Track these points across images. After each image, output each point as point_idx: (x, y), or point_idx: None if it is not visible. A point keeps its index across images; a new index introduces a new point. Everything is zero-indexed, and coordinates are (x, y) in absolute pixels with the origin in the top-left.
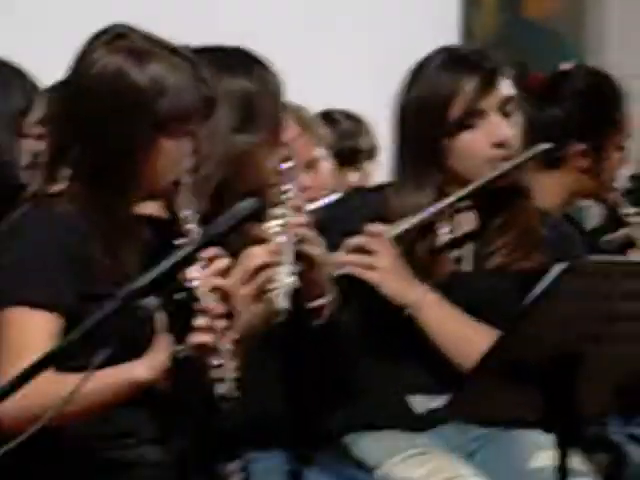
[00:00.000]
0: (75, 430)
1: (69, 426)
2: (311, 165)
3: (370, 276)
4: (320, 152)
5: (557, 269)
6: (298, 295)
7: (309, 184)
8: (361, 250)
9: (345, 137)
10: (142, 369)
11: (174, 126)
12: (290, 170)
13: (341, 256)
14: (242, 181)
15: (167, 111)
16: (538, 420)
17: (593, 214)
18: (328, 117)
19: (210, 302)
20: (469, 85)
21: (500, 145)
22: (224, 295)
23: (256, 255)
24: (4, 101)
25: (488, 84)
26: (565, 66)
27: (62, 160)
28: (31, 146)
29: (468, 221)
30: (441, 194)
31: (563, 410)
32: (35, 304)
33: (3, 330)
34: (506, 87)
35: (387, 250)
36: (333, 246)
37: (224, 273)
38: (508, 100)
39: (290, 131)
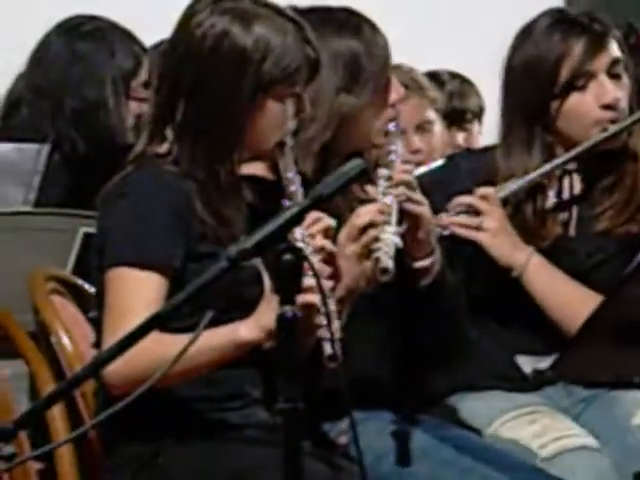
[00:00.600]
0: (184, 391)
1: (178, 388)
2: (422, 128)
3: (479, 237)
4: (432, 115)
5: None
6: (404, 255)
7: (420, 146)
8: (469, 211)
9: (452, 97)
10: (248, 329)
11: (278, 88)
12: (396, 131)
13: (449, 216)
14: (347, 142)
15: (271, 73)
16: None
17: None
18: (435, 77)
19: (317, 262)
20: (578, 47)
21: (609, 107)
22: (330, 256)
23: (362, 214)
24: (110, 63)
25: (597, 46)
26: None
27: (166, 121)
28: (136, 108)
29: (575, 185)
30: (549, 156)
31: None
32: (143, 264)
33: (109, 290)
34: (614, 49)
35: (496, 212)
36: (440, 208)
37: (329, 234)
38: (617, 62)
39: (397, 92)
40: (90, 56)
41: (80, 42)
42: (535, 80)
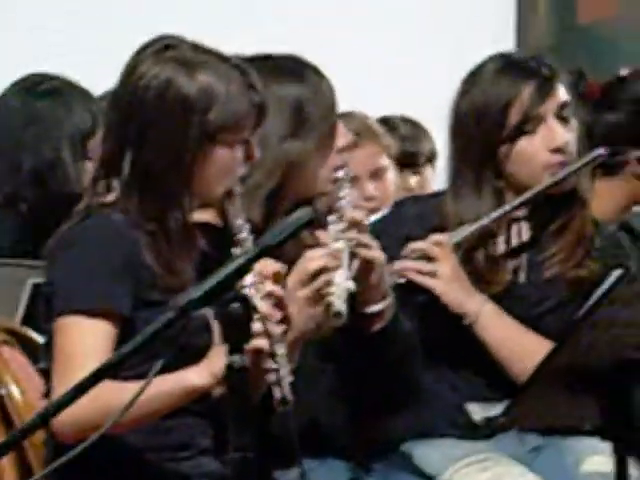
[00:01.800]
0: (134, 441)
1: (128, 437)
2: (376, 175)
3: (432, 283)
4: (385, 162)
5: (613, 277)
6: (356, 299)
7: (374, 194)
8: (423, 257)
9: (404, 141)
10: (197, 375)
11: (225, 135)
12: (346, 178)
13: (402, 262)
14: (295, 189)
15: (218, 120)
16: (595, 428)
17: None
18: (387, 122)
19: (266, 308)
20: (527, 91)
21: (558, 150)
22: (279, 301)
23: (314, 258)
24: (68, 122)
25: (546, 89)
26: (623, 72)
27: (113, 171)
28: (93, 169)
29: (524, 231)
30: (499, 201)
31: (620, 417)
32: (91, 312)
33: (58, 338)
34: (563, 92)
35: (449, 258)
36: (390, 254)
37: (278, 280)
38: (565, 105)
39: (344, 138)
40: (47, 115)
41: (37, 101)
42: (484, 125)
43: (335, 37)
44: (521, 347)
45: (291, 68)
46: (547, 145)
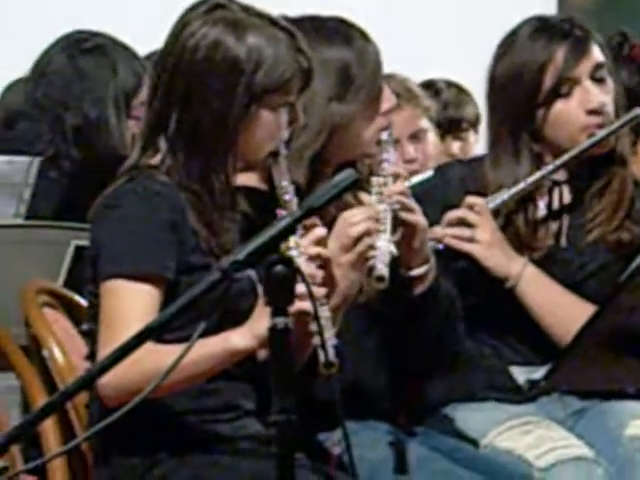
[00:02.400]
0: (177, 404)
1: (171, 400)
2: (416, 137)
3: (471, 248)
4: (425, 124)
5: None
6: (398, 263)
7: (415, 156)
8: (461, 223)
9: (447, 106)
10: (241, 337)
11: (272, 97)
12: (389, 140)
13: (441, 229)
14: (340, 151)
15: (264, 82)
16: (637, 390)
17: None
18: (430, 86)
19: (311, 270)
20: (561, 52)
21: (595, 112)
22: (323, 263)
23: (356, 222)
24: (112, 81)
25: (580, 51)
26: None
27: (159, 132)
28: (135, 127)
29: (565, 195)
30: (538, 165)
31: None
32: (136, 276)
33: (104, 301)
34: (597, 53)
35: (487, 223)
36: (431, 219)
37: (322, 242)
38: (600, 66)
39: (389, 101)
40: (92, 73)
41: (82, 58)
42: (519, 89)
43: (384, 1)
44: (564, 310)
45: (338, 30)
46: (583, 107)
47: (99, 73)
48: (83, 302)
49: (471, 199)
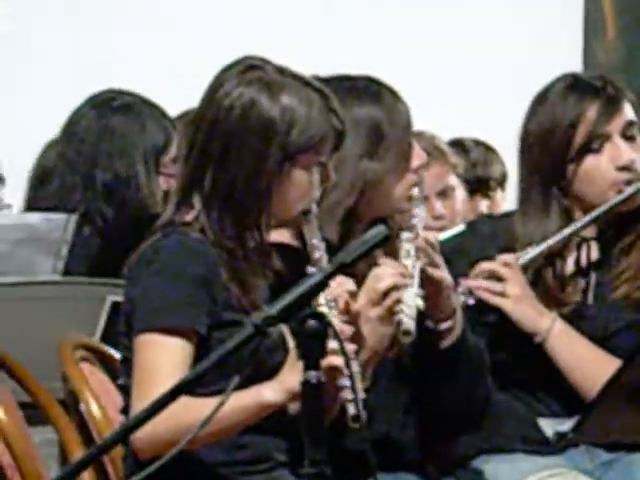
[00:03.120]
0: (210, 456)
1: (204, 452)
2: (444, 194)
3: (502, 302)
4: (453, 181)
5: None
6: (426, 317)
7: (443, 212)
8: (492, 277)
9: (476, 165)
10: (272, 391)
11: (304, 157)
12: (420, 196)
13: (473, 281)
14: (371, 207)
15: (297, 142)
16: None
17: None
18: (459, 145)
19: (343, 326)
20: (593, 109)
21: (624, 168)
22: (353, 318)
23: (384, 277)
24: (141, 138)
25: (612, 108)
26: None
27: (194, 189)
28: (165, 184)
29: (592, 252)
30: (567, 221)
31: None
32: (170, 330)
33: (138, 355)
34: (629, 111)
35: (518, 278)
36: (461, 273)
37: (352, 298)
38: (631, 124)
39: (419, 158)
40: (121, 130)
41: (112, 116)
42: (551, 144)
43: (412, 60)
44: (591, 365)
45: (368, 89)
46: (613, 163)
47: (128, 131)
48: (119, 356)
49: (505, 257)
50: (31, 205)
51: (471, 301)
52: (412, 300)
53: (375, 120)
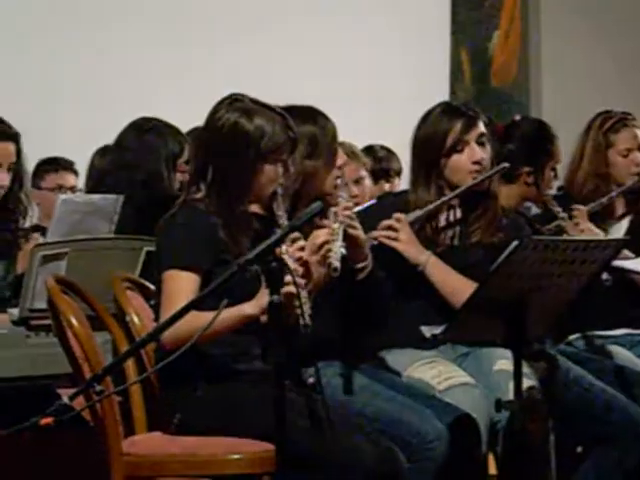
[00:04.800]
0: (211, 350)
1: (207, 347)
2: (358, 181)
3: (395, 244)
4: (364, 173)
5: (514, 244)
6: (347, 261)
7: (357, 193)
8: (389, 228)
9: (382, 161)
10: (250, 307)
11: (272, 157)
12: (340, 185)
13: (377, 232)
14: (310, 190)
15: (266, 147)
16: (502, 340)
17: (532, 210)
18: (370, 149)
19: (295, 266)
20: (458, 124)
21: (477, 163)
22: (303, 262)
23: (319, 235)
24: (165, 148)
25: (470, 124)
26: (516, 117)
27: (200, 179)
28: (180, 177)
29: (457, 213)
30: (440, 194)
31: (518, 333)
32: (184, 267)
33: (163, 285)
34: (481, 127)
35: (405, 228)
36: (374, 228)
37: (302, 249)
38: (482, 135)
39: (341, 158)
40: (151, 145)
41: (145, 135)
42: (431, 146)
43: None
44: (456, 286)
45: (309, 114)
46: (470, 159)
47: (156, 144)
48: (151, 287)
49: (396, 215)
50: (93, 192)
51: (376, 242)
52: (338, 249)
53: (313, 134)
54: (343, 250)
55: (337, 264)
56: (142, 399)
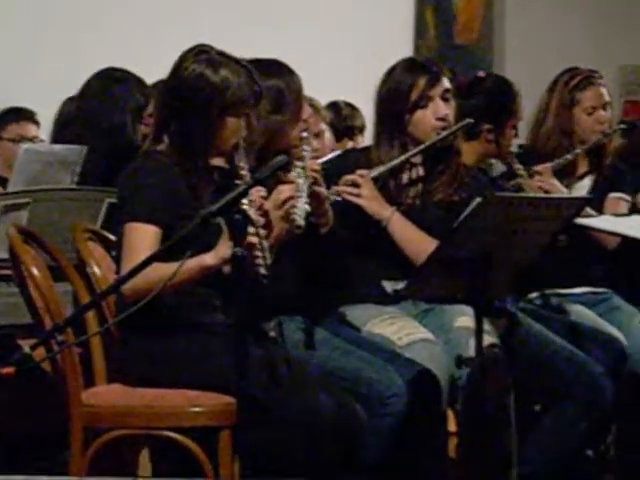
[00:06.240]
0: (172, 301)
1: (169, 299)
2: (318, 135)
3: (358, 201)
4: (324, 126)
5: (476, 201)
6: (310, 217)
7: (317, 147)
8: (352, 184)
9: (346, 119)
10: (210, 257)
11: (235, 109)
12: (306, 137)
13: (339, 188)
14: (276, 144)
15: (231, 100)
16: (463, 297)
17: (496, 168)
18: (335, 105)
19: (256, 217)
20: (423, 80)
21: (441, 119)
22: (264, 213)
23: (284, 191)
24: (130, 99)
25: (434, 80)
26: (480, 73)
27: (163, 130)
28: (144, 129)
29: (420, 171)
30: (404, 150)
31: (480, 290)
32: (145, 220)
33: (125, 237)
34: (446, 82)
35: (369, 184)
36: (336, 184)
37: (264, 199)
38: (447, 91)
39: (306, 112)
40: (117, 95)
41: (112, 86)
42: (395, 102)
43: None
44: (418, 243)
45: (275, 67)
46: (434, 115)
47: (121, 95)
48: (113, 238)
49: (360, 171)
50: (56, 141)
51: (339, 199)
52: (302, 205)
53: (279, 88)
54: (307, 207)
55: (302, 222)
56: (102, 350)
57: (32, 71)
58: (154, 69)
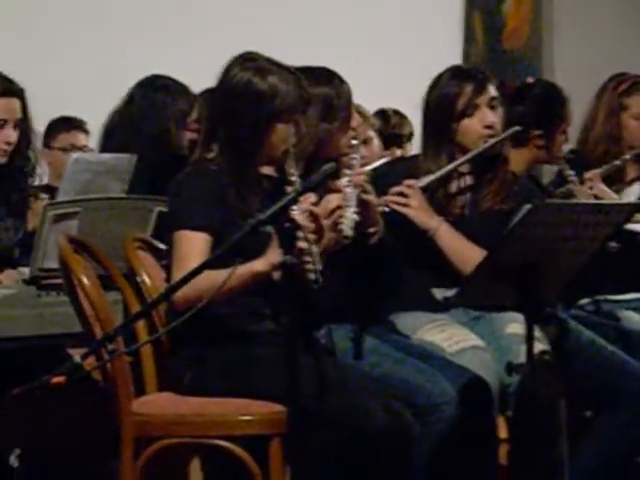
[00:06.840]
0: (222, 311)
1: (218, 308)
2: (366, 142)
3: (406, 210)
4: (372, 133)
5: (526, 208)
6: (359, 226)
7: (365, 154)
8: (400, 194)
9: (394, 127)
10: (259, 264)
11: (284, 116)
12: (356, 145)
13: (388, 198)
14: (325, 152)
15: (280, 107)
16: (514, 305)
17: (546, 174)
18: (383, 113)
19: (306, 222)
20: (469, 88)
21: (488, 127)
22: (314, 218)
23: (332, 200)
24: (174, 106)
25: (481, 88)
26: (529, 79)
27: (212, 139)
28: (189, 135)
29: (467, 180)
30: (451, 159)
31: (530, 298)
32: (194, 228)
33: (174, 245)
34: (492, 90)
35: (417, 194)
36: (384, 193)
37: (314, 204)
38: (494, 99)
39: (356, 120)
40: (161, 102)
41: (156, 93)
42: (443, 110)
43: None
44: (466, 253)
45: (324, 76)
46: (482, 123)
47: (164, 102)
48: (162, 246)
49: (407, 181)
50: (104, 150)
51: (387, 209)
52: (351, 216)
53: (327, 95)
54: (356, 217)
55: (350, 232)
56: (153, 359)
57: (80, 80)
58: (202, 77)
